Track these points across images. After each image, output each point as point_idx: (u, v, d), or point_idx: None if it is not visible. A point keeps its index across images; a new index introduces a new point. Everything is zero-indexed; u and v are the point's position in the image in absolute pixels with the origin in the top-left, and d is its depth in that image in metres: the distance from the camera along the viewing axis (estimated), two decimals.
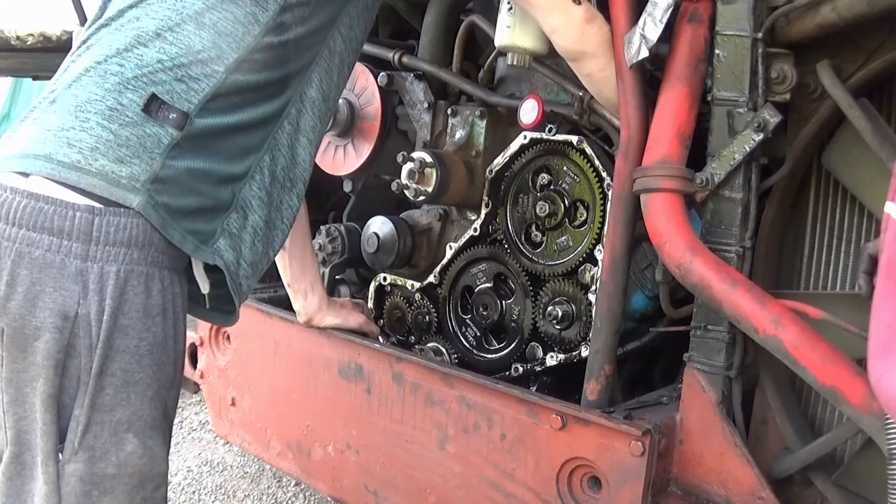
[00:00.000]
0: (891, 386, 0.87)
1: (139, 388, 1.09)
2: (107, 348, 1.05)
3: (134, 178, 1.06)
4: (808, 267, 1.42)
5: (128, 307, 1.06)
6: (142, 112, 1.08)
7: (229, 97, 1.15)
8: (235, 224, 1.19)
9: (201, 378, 2.17)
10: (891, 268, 0.90)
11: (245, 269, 1.22)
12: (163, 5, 1.15)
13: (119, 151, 1.06)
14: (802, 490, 1.37)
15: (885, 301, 0.91)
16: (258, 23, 1.17)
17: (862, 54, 1.27)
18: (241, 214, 1.19)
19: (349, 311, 1.78)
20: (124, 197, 1.05)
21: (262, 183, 1.22)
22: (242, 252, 1.21)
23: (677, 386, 1.48)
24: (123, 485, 1.09)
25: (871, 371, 0.92)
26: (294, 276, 1.70)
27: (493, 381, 1.50)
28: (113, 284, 1.04)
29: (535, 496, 1.43)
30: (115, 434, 1.08)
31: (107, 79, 1.09)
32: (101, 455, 1.07)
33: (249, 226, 1.21)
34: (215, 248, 1.15)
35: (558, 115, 1.66)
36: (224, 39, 1.14)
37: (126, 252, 1.05)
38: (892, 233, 0.90)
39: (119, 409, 1.08)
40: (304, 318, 1.74)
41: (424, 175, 1.76)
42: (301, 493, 3.10)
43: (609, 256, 1.42)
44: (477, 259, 1.83)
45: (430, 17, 1.97)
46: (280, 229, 1.29)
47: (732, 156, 1.29)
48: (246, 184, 1.19)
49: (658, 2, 1.28)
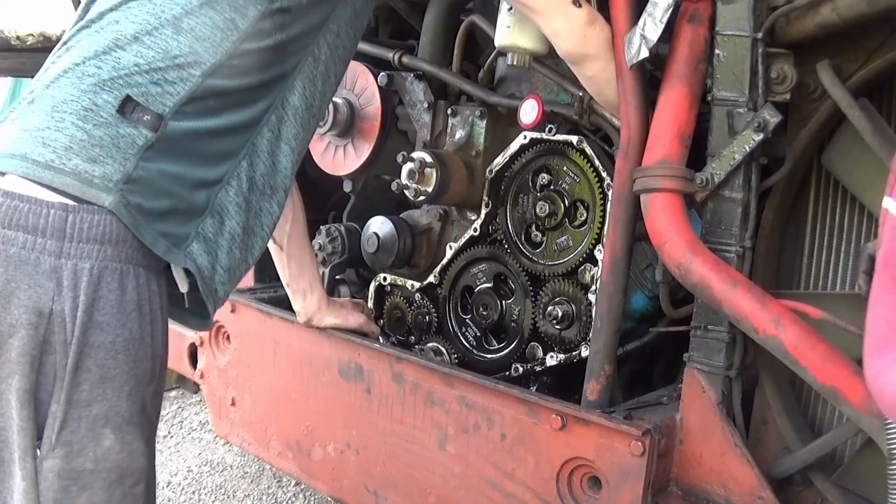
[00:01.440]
0: (887, 383, 0.87)
1: (115, 384, 1.09)
2: (82, 344, 1.05)
3: (107, 178, 1.06)
4: (808, 267, 1.42)
5: (102, 303, 1.06)
6: (116, 113, 1.08)
7: (206, 101, 1.15)
8: (211, 229, 1.19)
9: (201, 378, 2.17)
10: (888, 263, 0.89)
11: (221, 274, 1.22)
12: (142, 9, 1.15)
13: (93, 151, 1.07)
14: (802, 490, 1.37)
15: (882, 297, 0.90)
16: (237, 29, 1.17)
17: (862, 54, 1.27)
18: (217, 220, 1.19)
19: (349, 311, 1.78)
20: (97, 196, 1.05)
21: (239, 189, 1.22)
22: (219, 257, 1.21)
23: (677, 386, 1.48)
24: (102, 480, 1.09)
25: (867, 368, 0.91)
26: (292, 276, 1.70)
27: (493, 381, 1.50)
28: (87, 281, 1.05)
29: (535, 496, 1.43)
30: (93, 429, 1.08)
31: (83, 80, 1.10)
32: (78, 450, 1.07)
33: (227, 231, 1.21)
34: (188, 252, 1.15)
35: (558, 115, 1.66)
36: (202, 44, 1.14)
37: (100, 249, 1.06)
38: (890, 228, 0.90)
39: (96, 405, 1.08)
40: (304, 318, 1.74)
41: (424, 175, 1.76)
42: (301, 493, 3.10)
43: (609, 256, 1.42)
44: (477, 259, 1.83)
45: (430, 17, 1.97)
46: (259, 236, 1.29)
47: (732, 156, 1.29)
48: (222, 189, 1.19)
49: (658, 2, 1.28)
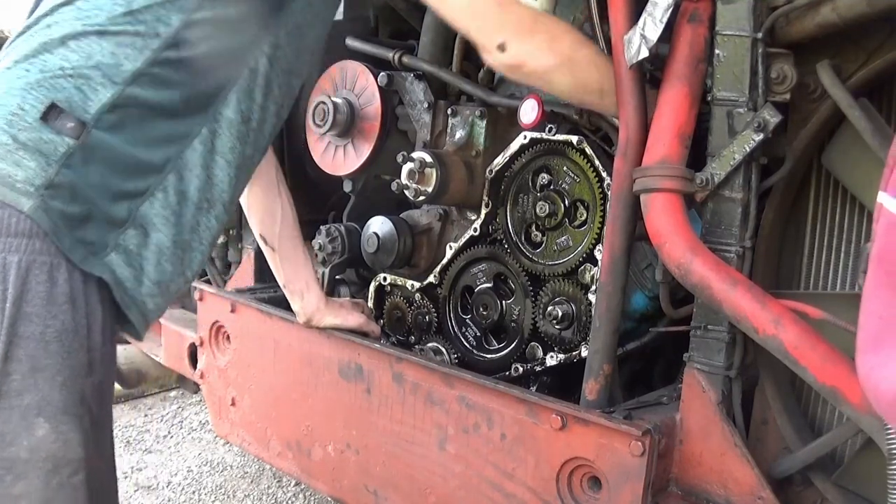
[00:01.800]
0: (881, 380, 0.86)
1: (47, 374, 1.11)
2: (11, 335, 1.08)
3: (29, 182, 1.08)
4: (808, 267, 1.42)
5: (31, 295, 1.09)
6: (40, 119, 1.10)
7: (128, 110, 1.16)
8: (134, 241, 1.19)
9: (201, 378, 2.17)
10: (881, 258, 0.88)
11: (149, 286, 1.22)
12: (70, 14, 1.17)
13: (17, 155, 1.09)
14: (802, 490, 1.37)
15: (875, 292, 0.89)
16: (158, 36, 1.17)
17: (862, 54, 1.27)
18: (140, 232, 1.19)
19: (349, 311, 1.78)
20: (17, 200, 1.07)
21: (166, 202, 1.22)
22: (145, 269, 1.21)
23: (677, 386, 1.48)
24: (37, 469, 1.10)
25: (860, 365, 0.90)
26: (288, 277, 1.72)
27: (493, 381, 1.50)
28: (15, 273, 1.07)
29: (535, 496, 1.43)
30: (25, 419, 1.09)
31: (12, 83, 1.13)
32: (11, 440, 1.09)
33: (152, 244, 1.21)
34: (105, 262, 1.16)
35: (558, 115, 1.67)
36: (123, 50, 1.16)
37: (28, 242, 1.08)
38: (884, 223, 0.89)
39: (27, 394, 1.09)
40: (303, 318, 1.75)
41: (424, 175, 1.76)
42: (301, 493, 3.10)
43: (608, 256, 1.42)
44: (477, 259, 1.83)
45: (430, 17, 1.97)
46: (198, 251, 1.29)
47: (732, 156, 1.29)
48: (146, 201, 1.20)
49: (658, 2, 1.28)
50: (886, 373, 0.85)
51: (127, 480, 3.19)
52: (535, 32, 1.33)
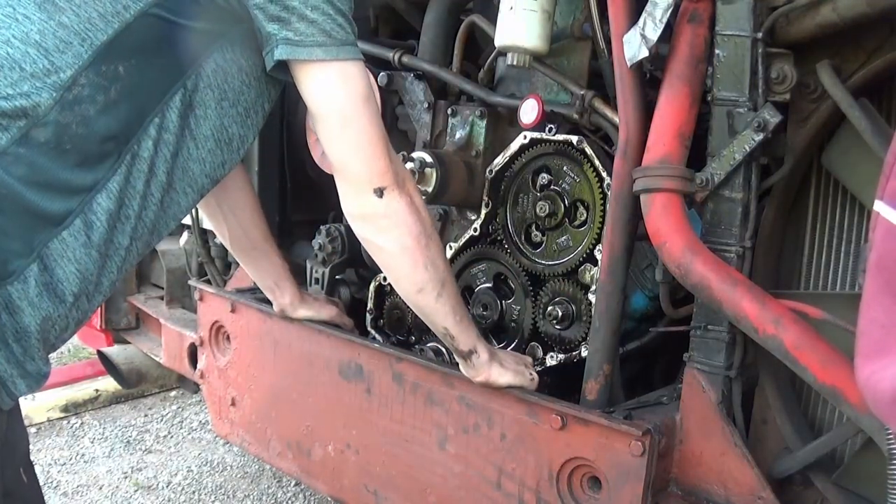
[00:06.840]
0: (880, 380, 0.86)
1: None
2: None
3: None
4: (808, 267, 1.42)
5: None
6: None
7: (32, 154, 1.11)
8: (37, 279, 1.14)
9: (201, 378, 2.17)
10: (880, 266, 0.88)
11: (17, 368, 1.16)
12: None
13: None
14: (802, 490, 1.37)
15: (875, 299, 0.89)
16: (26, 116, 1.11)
17: (862, 54, 1.27)
18: (42, 268, 1.14)
19: (322, 305, 1.87)
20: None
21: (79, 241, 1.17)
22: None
23: (677, 386, 1.48)
24: None
25: (860, 370, 0.90)
26: (256, 277, 1.84)
27: None
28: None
29: (535, 496, 1.43)
30: None
31: None
32: None
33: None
34: None
35: (558, 115, 1.66)
36: (29, 82, 1.10)
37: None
38: (882, 230, 0.90)
39: None
40: (278, 310, 1.85)
41: (424, 175, 1.76)
42: (301, 493, 3.10)
43: (607, 256, 1.42)
44: (477, 259, 1.83)
45: (430, 17, 1.97)
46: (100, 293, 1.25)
47: (732, 156, 1.29)
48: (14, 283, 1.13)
49: (658, 2, 1.28)
50: (886, 374, 0.85)
51: (127, 480, 3.19)
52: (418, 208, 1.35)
